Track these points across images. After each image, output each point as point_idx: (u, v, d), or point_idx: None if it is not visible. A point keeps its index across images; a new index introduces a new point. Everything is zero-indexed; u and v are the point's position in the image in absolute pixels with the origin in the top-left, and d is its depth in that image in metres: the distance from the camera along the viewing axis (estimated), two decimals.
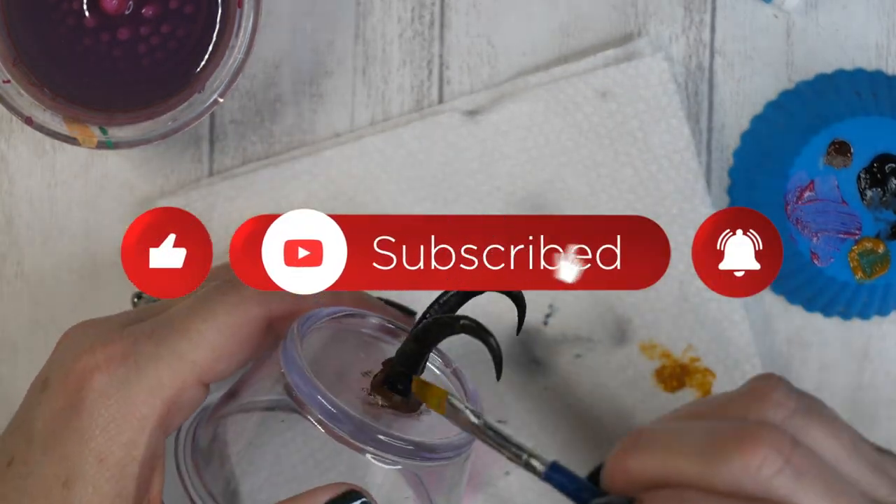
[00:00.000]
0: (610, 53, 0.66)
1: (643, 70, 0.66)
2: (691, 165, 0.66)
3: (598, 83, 0.66)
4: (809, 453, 0.49)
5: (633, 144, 0.66)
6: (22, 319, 0.67)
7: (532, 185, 0.66)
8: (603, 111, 0.66)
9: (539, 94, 0.66)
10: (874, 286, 0.66)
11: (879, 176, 0.66)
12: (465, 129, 0.66)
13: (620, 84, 0.66)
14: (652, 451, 0.50)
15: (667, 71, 0.66)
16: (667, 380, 0.67)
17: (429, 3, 0.67)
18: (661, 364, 0.67)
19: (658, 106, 0.66)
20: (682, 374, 0.67)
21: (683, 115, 0.66)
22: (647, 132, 0.66)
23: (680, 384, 0.67)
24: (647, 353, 0.67)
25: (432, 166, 0.66)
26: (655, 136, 0.66)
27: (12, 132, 0.67)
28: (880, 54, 0.67)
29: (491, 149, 0.66)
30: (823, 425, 0.50)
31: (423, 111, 0.67)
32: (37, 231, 0.67)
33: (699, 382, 0.67)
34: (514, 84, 0.67)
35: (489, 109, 0.67)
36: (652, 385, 0.67)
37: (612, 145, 0.66)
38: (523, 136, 0.66)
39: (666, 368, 0.67)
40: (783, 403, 0.50)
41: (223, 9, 0.61)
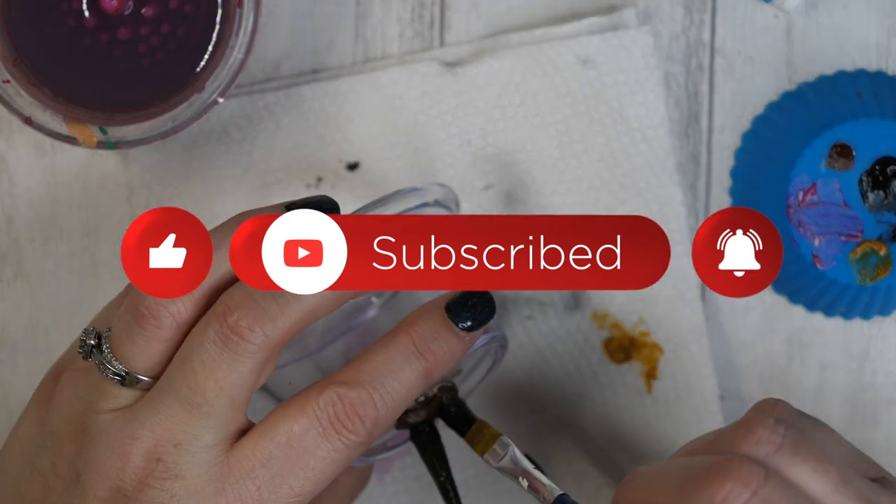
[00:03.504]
0: (595, 21, 0.66)
1: (627, 41, 0.66)
2: (664, 142, 0.66)
3: (580, 49, 0.66)
4: (782, 485, 0.50)
5: (608, 114, 0.66)
6: (22, 319, 0.67)
7: (502, 143, 0.66)
8: (582, 77, 0.66)
9: (520, 54, 0.66)
10: (876, 288, 0.66)
11: (881, 178, 0.66)
12: (441, 80, 0.66)
13: (603, 52, 0.66)
14: (638, 487, 0.53)
15: (650, 45, 0.66)
16: (614, 351, 0.67)
17: (429, 3, 0.67)
18: (611, 335, 0.67)
19: (637, 79, 0.66)
20: (630, 346, 0.67)
21: (662, 91, 0.66)
22: (623, 103, 0.66)
23: (627, 356, 0.67)
24: (597, 322, 0.67)
25: (405, 113, 0.66)
26: (632, 108, 0.66)
27: (12, 132, 0.67)
28: (881, 55, 0.67)
29: (465, 102, 0.66)
30: (809, 461, 0.51)
31: (402, 57, 0.67)
32: (37, 231, 0.67)
33: (646, 357, 0.67)
34: (496, 40, 0.67)
35: (468, 62, 0.66)
36: (599, 355, 0.67)
37: (588, 112, 0.66)
38: (499, 92, 0.66)
39: (615, 340, 0.67)
40: (768, 439, 0.52)
41: (223, 9, 0.61)
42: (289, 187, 0.66)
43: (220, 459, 0.52)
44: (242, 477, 0.52)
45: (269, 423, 0.52)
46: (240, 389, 0.52)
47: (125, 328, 0.53)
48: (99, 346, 0.53)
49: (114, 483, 0.52)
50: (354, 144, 0.66)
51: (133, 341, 0.52)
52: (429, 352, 0.53)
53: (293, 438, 0.52)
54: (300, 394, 0.53)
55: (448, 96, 0.66)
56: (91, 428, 0.53)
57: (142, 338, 0.52)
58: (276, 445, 0.52)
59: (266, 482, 0.52)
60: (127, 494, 0.52)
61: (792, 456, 0.51)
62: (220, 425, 0.52)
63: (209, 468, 0.52)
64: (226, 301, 0.52)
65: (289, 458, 0.52)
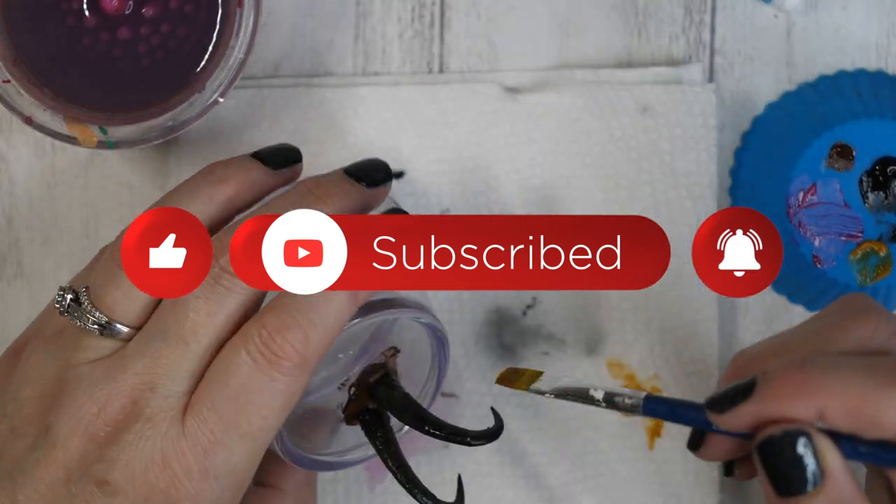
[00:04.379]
0: (661, 70, 0.66)
1: (689, 96, 0.66)
2: (709, 203, 0.66)
3: (642, 97, 0.66)
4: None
5: (658, 166, 0.66)
6: (22, 319, 0.67)
7: (549, 176, 0.66)
8: (638, 125, 0.66)
9: (581, 91, 0.66)
10: (876, 289, 0.66)
11: (881, 179, 0.66)
12: (500, 104, 0.66)
13: (664, 103, 0.66)
14: (760, 347, 0.54)
15: (712, 104, 0.66)
16: None
17: (429, 3, 0.67)
18: (624, 385, 0.66)
19: (694, 136, 0.66)
20: None
21: (715, 152, 0.66)
22: (675, 157, 0.66)
23: None
24: (612, 370, 0.66)
25: (459, 131, 0.66)
26: (683, 163, 0.66)
27: (12, 132, 0.67)
28: (880, 55, 0.67)
29: (520, 130, 0.66)
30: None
31: (464, 75, 0.67)
32: (37, 231, 0.67)
33: None
34: (560, 74, 0.67)
35: (529, 91, 0.66)
36: None
37: (639, 161, 0.66)
38: (554, 126, 0.66)
39: None
40: (886, 328, 0.53)
41: (223, 9, 0.61)
42: None
43: (182, 403, 0.52)
44: (197, 423, 0.52)
45: (212, 369, 0.52)
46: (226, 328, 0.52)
47: (108, 275, 0.53)
48: (77, 300, 0.53)
49: (88, 430, 0.52)
50: (403, 153, 0.66)
51: (118, 286, 0.53)
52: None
53: (230, 377, 0.52)
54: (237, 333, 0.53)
55: (504, 121, 0.66)
56: (68, 380, 0.53)
57: (127, 282, 0.52)
58: (217, 387, 0.52)
59: (216, 424, 0.52)
60: (99, 442, 0.52)
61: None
62: (199, 366, 0.52)
63: (176, 412, 0.52)
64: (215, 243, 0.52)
65: (230, 398, 0.52)
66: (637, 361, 0.66)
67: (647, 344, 0.66)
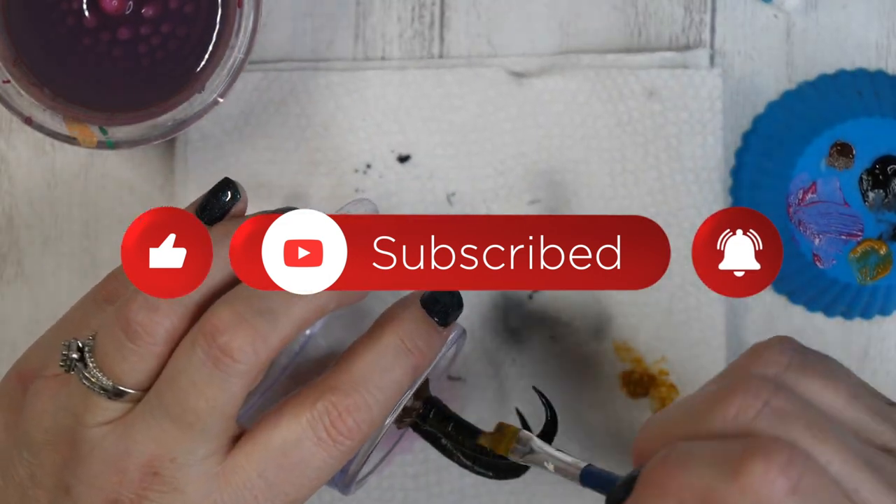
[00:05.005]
0: (667, 55, 0.66)
1: (696, 80, 0.66)
2: (716, 186, 0.66)
3: (648, 81, 0.66)
4: (792, 397, 0.49)
5: (664, 150, 0.66)
6: (22, 319, 0.67)
7: (556, 161, 0.66)
8: (645, 109, 0.66)
9: (588, 76, 0.66)
10: (876, 288, 0.66)
11: (882, 177, 0.66)
12: (506, 88, 0.66)
13: (670, 88, 0.66)
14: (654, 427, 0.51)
15: (719, 87, 0.66)
16: (631, 385, 0.67)
17: (429, 3, 0.67)
18: (631, 368, 0.66)
19: (700, 120, 0.66)
20: (647, 382, 0.67)
21: (721, 135, 0.66)
22: (682, 141, 0.66)
23: (644, 392, 0.67)
24: (619, 354, 0.66)
25: (465, 115, 0.66)
26: (689, 147, 0.66)
27: (12, 132, 0.67)
28: (880, 54, 0.67)
29: (527, 114, 0.66)
30: (818, 377, 0.50)
31: (471, 59, 0.67)
32: (37, 231, 0.67)
33: (662, 395, 0.66)
34: (567, 58, 0.67)
35: (535, 76, 0.66)
36: (616, 386, 0.67)
37: (645, 145, 0.66)
38: (561, 110, 0.66)
39: (634, 374, 0.67)
40: (775, 360, 0.50)
41: (223, 9, 0.61)
42: (336, 168, 0.66)
43: (215, 471, 0.52)
44: (239, 487, 0.52)
45: (262, 431, 0.52)
46: (231, 405, 0.51)
47: (114, 343, 0.52)
48: (83, 360, 0.52)
49: (109, 496, 0.52)
50: (409, 137, 0.66)
51: (124, 357, 0.51)
52: (416, 349, 0.53)
53: (288, 448, 0.52)
54: (293, 400, 0.52)
55: (510, 105, 0.66)
56: (82, 442, 0.52)
57: (135, 354, 0.51)
58: (272, 455, 0.52)
59: (262, 491, 0.52)
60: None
61: (801, 373, 0.50)
62: (214, 437, 0.52)
63: (206, 480, 0.52)
64: (213, 320, 0.51)
65: (284, 468, 0.52)
66: (643, 344, 0.66)
67: (654, 327, 0.66)
